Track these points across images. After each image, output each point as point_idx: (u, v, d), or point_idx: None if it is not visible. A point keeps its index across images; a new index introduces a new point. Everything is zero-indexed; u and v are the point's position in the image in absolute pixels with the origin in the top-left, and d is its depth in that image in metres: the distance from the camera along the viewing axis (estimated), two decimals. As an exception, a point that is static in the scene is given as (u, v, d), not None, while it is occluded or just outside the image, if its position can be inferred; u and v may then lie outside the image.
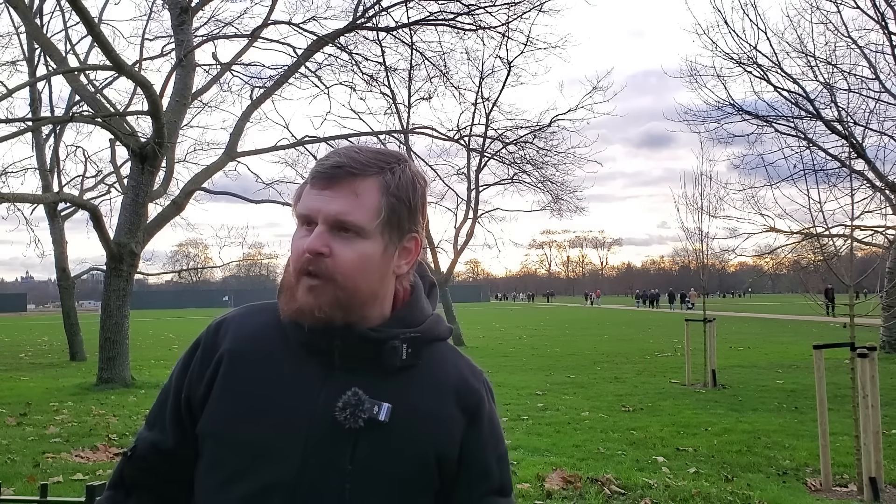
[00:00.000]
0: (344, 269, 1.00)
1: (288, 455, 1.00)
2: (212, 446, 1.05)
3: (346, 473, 0.99)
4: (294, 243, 1.04)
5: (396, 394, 1.04)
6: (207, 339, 1.12)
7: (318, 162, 1.07)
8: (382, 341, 1.04)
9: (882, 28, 11.13)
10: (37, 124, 14.21)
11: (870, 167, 11.26)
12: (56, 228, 16.20)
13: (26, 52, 15.60)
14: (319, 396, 1.02)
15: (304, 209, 1.03)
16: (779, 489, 5.05)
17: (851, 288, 5.67)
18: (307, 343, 1.05)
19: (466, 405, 1.09)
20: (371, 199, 1.02)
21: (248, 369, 1.06)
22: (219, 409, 1.05)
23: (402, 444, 1.02)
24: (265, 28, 12.77)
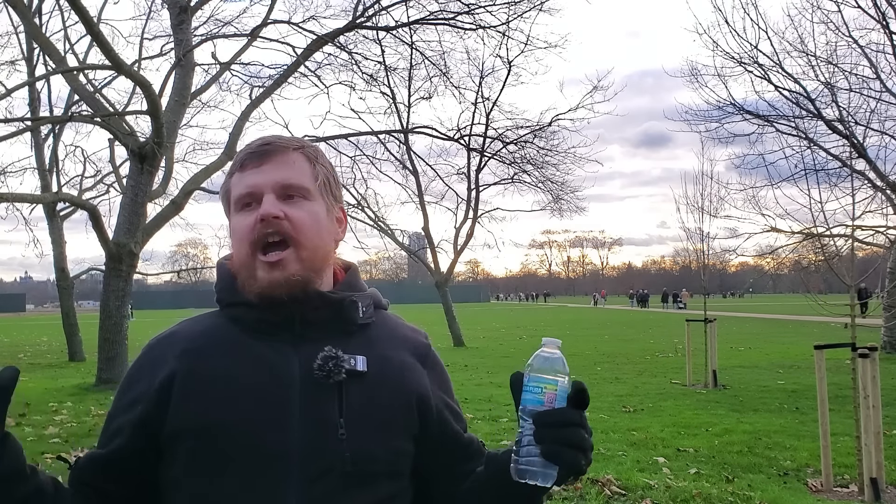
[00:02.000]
0: (303, 228, 1.06)
1: (277, 425, 1.01)
2: (191, 443, 1.02)
3: (339, 425, 1.02)
4: (238, 226, 1.07)
5: (364, 348, 1.09)
6: (146, 355, 1.12)
7: (240, 152, 1.12)
8: (341, 300, 1.09)
9: (883, 27, 11.11)
10: (36, 124, 14.19)
11: (871, 167, 11.24)
12: (55, 228, 16.18)
13: (25, 51, 15.57)
14: (294, 364, 1.05)
15: (246, 188, 1.07)
16: (780, 490, 5.03)
17: (852, 288, 5.65)
18: (264, 319, 1.07)
19: (419, 354, 1.17)
20: (304, 166, 1.10)
21: (209, 361, 1.06)
22: (190, 406, 1.03)
23: (384, 391, 1.07)
24: (264, 27, 12.75)
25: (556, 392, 0.95)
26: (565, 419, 0.94)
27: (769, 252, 12.84)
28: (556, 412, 0.94)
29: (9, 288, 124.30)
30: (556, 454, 0.92)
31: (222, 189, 1.14)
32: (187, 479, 1.03)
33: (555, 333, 1.00)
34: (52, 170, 16.42)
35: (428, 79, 15.33)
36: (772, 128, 11.95)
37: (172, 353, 1.08)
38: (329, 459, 1.01)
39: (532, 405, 0.95)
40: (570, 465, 0.93)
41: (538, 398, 0.95)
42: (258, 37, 12.83)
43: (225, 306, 1.13)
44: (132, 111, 13.28)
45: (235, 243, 1.08)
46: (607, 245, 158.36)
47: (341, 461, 1.01)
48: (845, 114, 11.11)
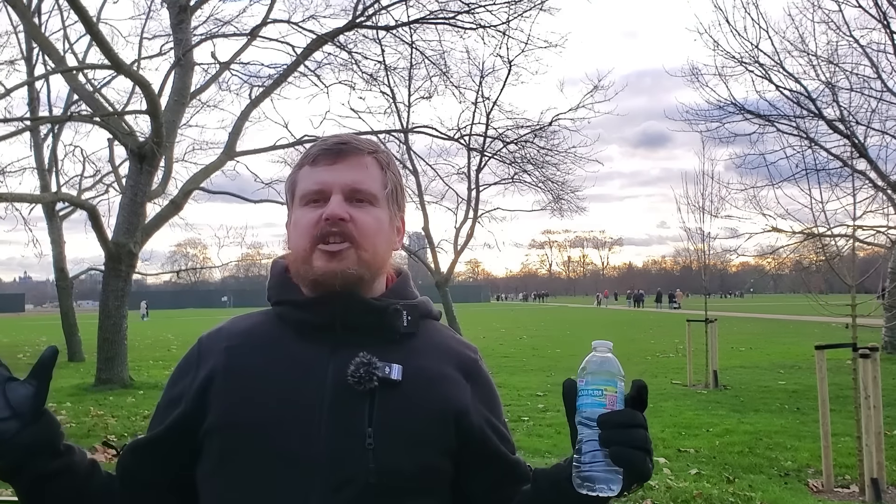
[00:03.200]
0: (366, 233, 1.05)
1: (304, 429, 1.00)
2: (220, 441, 1.03)
3: (367, 435, 0.99)
4: (302, 220, 1.07)
5: (403, 357, 1.06)
6: (194, 350, 1.13)
7: (314, 145, 1.12)
8: (385, 307, 1.07)
9: (884, 27, 11.09)
10: (35, 124, 14.18)
11: (872, 167, 11.22)
12: (54, 228, 16.17)
13: (24, 51, 15.56)
14: (328, 368, 1.03)
15: (315, 184, 1.07)
16: (781, 490, 5.02)
17: (853, 288, 5.63)
18: (307, 321, 1.07)
19: (466, 369, 1.12)
20: (376, 172, 1.10)
21: (248, 360, 1.07)
22: (223, 403, 1.04)
23: (417, 402, 1.04)
24: (264, 27, 12.73)
25: (616, 394, 0.93)
26: (632, 420, 0.91)
27: (770, 252, 12.82)
28: (623, 413, 0.92)
29: (8, 288, 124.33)
30: (625, 457, 0.89)
31: (288, 179, 1.14)
32: (215, 477, 1.04)
33: (555, 333, 0.97)
34: (51, 169, 16.40)
35: (428, 78, 15.31)
36: (773, 127, 11.93)
37: (216, 350, 1.09)
38: (353, 469, 0.98)
39: (592, 409, 0.92)
40: (639, 468, 0.90)
41: (599, 401, 0.92)
42: (258, 36, 12.81)
43: (273, 304, 1.14)
44: (131, 111, 13.26)
45: (295, 236, 1.08)
46: (608, 245, 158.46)
47: (365, 472, 0.98)
48: (846, 113, 11.09)
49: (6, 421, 0.95)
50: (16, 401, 0.96)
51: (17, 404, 0.96)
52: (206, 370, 1.07)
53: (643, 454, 0.90)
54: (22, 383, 0.98)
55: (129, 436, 7.03)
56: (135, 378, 11.26)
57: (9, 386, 0.97)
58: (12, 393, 0.97)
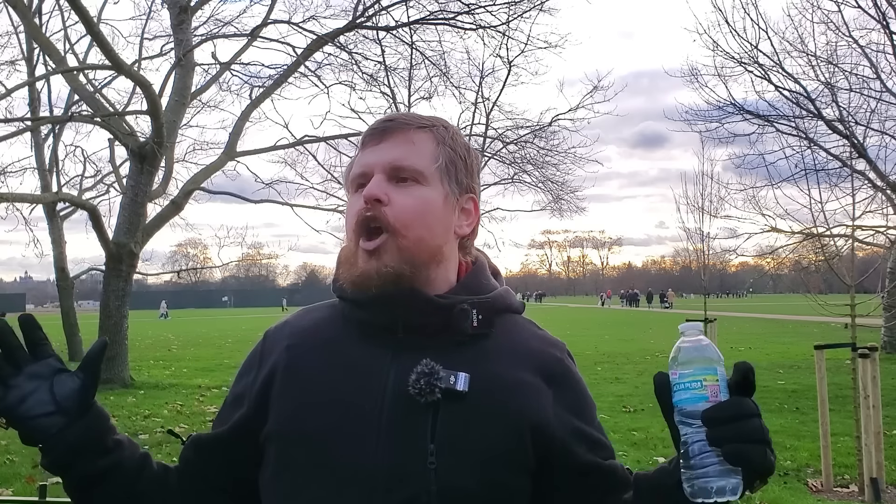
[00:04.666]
0: (405, 216, 0.95)
1: (362, 442, 0.92)
2: (278, 447, 0.97)
3: (429, 452, 0.90)
4: (349, 209, 1.01)
5: (472, 363, 0.95)
6: (260, 346, 1.08)
7: (369, 127, 1.04)
8: (450, 306, 0.97)
9: (883, 27, 11.10)
10: (36, 124, 14.19)
11: (871, 167, 11.23)
12: (55, 228, 16.18)
13: (25, 51, 15.56)
14: (389, 375, 0.95)
15: (359, 167, 1.00)
16: (780, 490, 5.04)
17: (853, 288, 5.65)
18: (368, 321, 0.99)
19: (549, 371, 1.00)
20: (427, 146, 1.00)
21: (307, 361, 1.00)
22: (282, 407, 0.98)
23: (487, 416, 0.93)
24: (264, 27, 12.74)
25: (717, 383, 0.81)
26: (742, 410, 0.80)
27: (769, 252, 12.83)
28: (729, 404, 0.80)
29: (9, 288, 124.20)
30: (742, 455, 0.78)
31: (346, 168, 1.07)
32: (273, 484, 0.98)
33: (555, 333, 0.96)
34: (52, 170, 16.41)
35: (428, 79, 15.31)
36: (772, 128, 11.94)
37: (278, 348, 1.03)
38: (413, 489, 0.90)
39: (693, 404, 0.81)
40: (760, 464, 0.78)
41: (700, 394, 0.81)
42: (258, 37, 12.82)
43: (338, 299, 1.05)
44: (132, 111, 13.27)
45: (346, 225, 1.01)
46: (607, 245, 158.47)
47: (427, 494, 0.89)
48: (845, 114, 11.10)
49: (51, 416, 0.92)
50: (62, 395, 0.93)
51: (63, 398, 0.93)
52: (267, 369, 1.02)
53: (762, 447, 0.79)
54: (71, 376, 0.95)
55: (129, 435, 7.03)
56: (135, 378, 11.29)
57: (57, 379, 0.94)
58: (60, 387, 0.93)
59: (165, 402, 9.22)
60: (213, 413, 8.85)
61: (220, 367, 13.90)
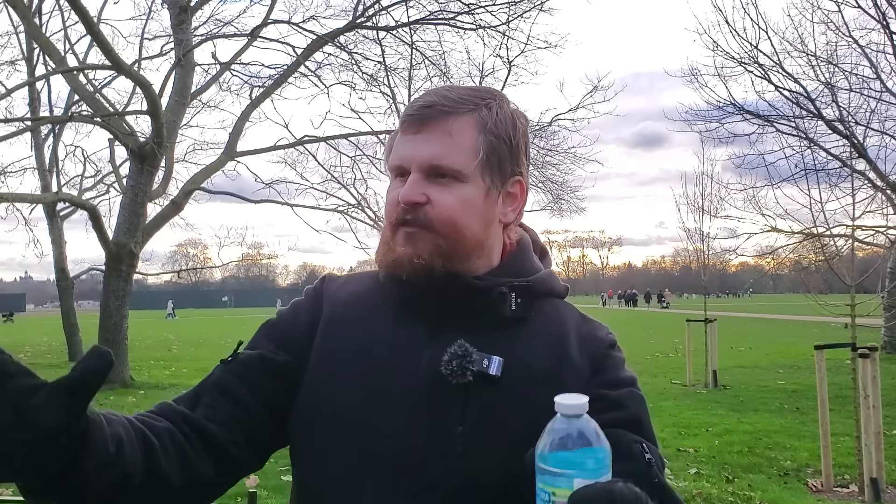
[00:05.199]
0: (444, 217, 0.93)
1: (392, 420, 0.91)
2: (310, 419, 0.96)
3: (457, 435, 0.89)
4: (388, 195, 0.98)
5: (508, 348, 0.93)
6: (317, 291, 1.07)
7: (408, 105, 1.00)
8: (489, 289, 0.95)
9: (883, 27, 11.10)
10: (36, 124, 14.19)
11: (871, 167, 11.23)
12: (55, 228, 16.17)
13: (25, 51, 15.56)
14: (423, 354, 0.93)
15: (396, 159, 0.97)
16: (780, 490, 5.04)
17: (853, 288, 5.65)
18: (407, 299, 0.97)
19: (593, 354, 0.96)
20: (467, 138, 0.94)
21: (345, 335, 0.99)
22: (315, 378, 0.97)
23: (518, 401, 0.91)
24: (264, 27, 12.74)
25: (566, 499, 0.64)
26: None
27: (769, 252, 12.83)
28: None
29: (9, 288, 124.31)
30: None
31: (387, 144, 1.03)
32: (303, 458, 0.97)
33: None
34: (51, 170, 16.41)
35: (428, 79, 15.31)
36: (772, 128, 11.94)
37: (323, 313, 1.02)
38: (439, 471, 0.89)
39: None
40: None
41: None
42: (258, 37, 12.82)
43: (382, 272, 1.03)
44: (132, 111, 13.27)
45: (385, 210, 1.00)
46: (607, 245, 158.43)
47: (453, 477, 0.88)
48: (845, 114, 11.10)
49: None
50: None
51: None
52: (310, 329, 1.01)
53: None
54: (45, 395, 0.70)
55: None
56: (135, 378, 11.28)
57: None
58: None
59: (165, 402, 9.21)
60: (213, 413, 8.97)
61: (220, 367, 13.89)
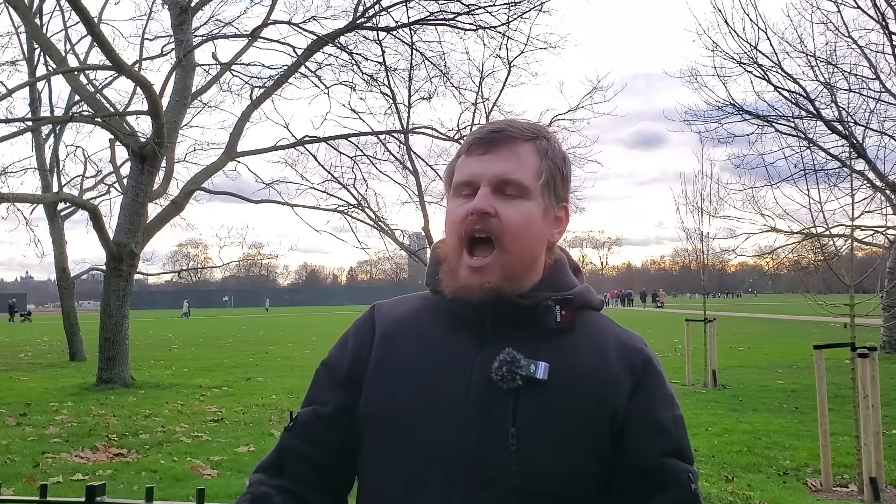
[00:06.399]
0: (511, 230, 1.00)
1: (448, 423, 0.99)
2: (372, 428, 1.05)
3: (510, 435, 0.96)
4: (451, 214, 1.05)
5: (552, 354, 1.01)
6: (365, 322, 1.14)
7: (473, 132, 1.08)
8: (535, 304, 1.03)
9: (882, 28, 11.11)
10: (36, 124, 14.20)
11: (870, 167, 11.24)
12: (56, 228, 16.19)
13: (26, 51, 15.58)
14: (474, 363, 1.01)
15: (465, 175, 1.04)
16: (779, 489, 5.04)
17: (852, 288, 5.66)
18: (458, 314, 1.05)
19: (632, 364, 1.04)
20: (531, 161, 1.04)
21: (400, 348, 1.07)
22: (375, 389, 1.06)
23: (564, 403, 0.99)
24: (265, 28, 12.75)
25: None
26: None
27: (769, 252, 12.85)
28: None
29: (10, 288, 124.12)
30: None
31: (448, 168, 1.10)
32: (367, 465, 1.05)
33: None
34: (52, 170, 16.42)
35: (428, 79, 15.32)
36: (771, 128, 11.96)
37: (377, 334, 1.11)
38: (495, 470, 0.96)
39: None
40: None
41: None
42: (259, 37, 12.83)
43: (431, 292, 1.12)
44: (133, 111, 13.28)
45: (448, 229, 1.06)
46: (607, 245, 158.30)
47: (507, 475, 0.95)
48: (845, 114, 11.11)
49: None
50: None
51: None
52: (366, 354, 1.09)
53: None
54: None
55: (130, 435, 7.05)
56: (136, 378, 11.29)
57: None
58: None
59: (166, 402, 9.23)
60: (214, 412, 8.80)
61: (221, 367, 13.91)
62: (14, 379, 12.27)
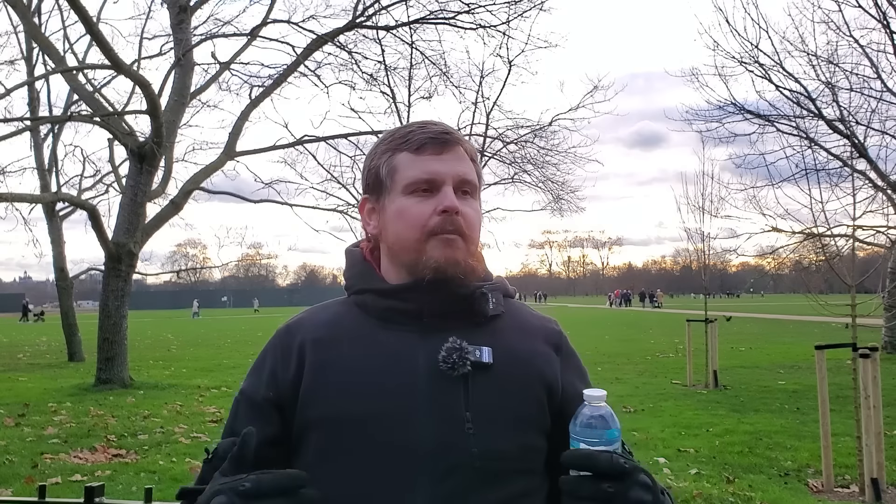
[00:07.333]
0: (471, 226, 1.07)
1: (403, 418, 0.99)
2: (320, 433, 1.02)
3: (466, 419, 0.99)
4: (413, 211, 1.06)
5: (491, 339, 1.06)
6: (280, 339, 1.11)
7: (416, 130, 1.09)
8: (472, 292, 1.07)
9: (884, 27, 11.09)
10: (35, 123, 14.18)
11: (872, 167, 11.23)
12: (54, 228, 16.17)
13: (24, 51, 15.56)
14: (419, 354, 1.03)
15: (425, 174, 1.06)
16: (780, 490, 5.03)
17: (853, 288, 5.64)
18: (394, 308, 1.07)
19: (556, 344, 1.13)
20: (470, 163, 1.11)
21: (338, 351, 1.06)
22: (318, 395, 1.03)
23: (511, 383, 1.04)
24: (264, 27, 12.74)
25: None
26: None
27: (770, 252, 12.82)
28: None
29: (8, 288, 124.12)
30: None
31: (379, 161, 1.10)
32: (319, 470, 1.01)
33: None
34: (51, 169, 16.40)
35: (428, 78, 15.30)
36: (772, 127, 11.94)
37: (303, 342, 1.08)
38: (457, 456, 0.98)
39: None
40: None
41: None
42: (258, 36, 12.81)
43: (354, 293, 1.13)
44: (132, 111, 13.25)
45: (402, 226, 1.06)
46: (607, 245, 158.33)
47: (469, 457, 0.98)
48: (846, 113, 11.09)
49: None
50: None
51: None
52: (295, 363, 1.06)
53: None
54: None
55: (129, 436, 7.03)
56: (135, 378, 11.27)
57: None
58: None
59: (165, 403, 9.21)
60: (213, 413, 8.77)
61: (220, 368, 13.88)
62: (12, 379, 12.24)
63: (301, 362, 1.06)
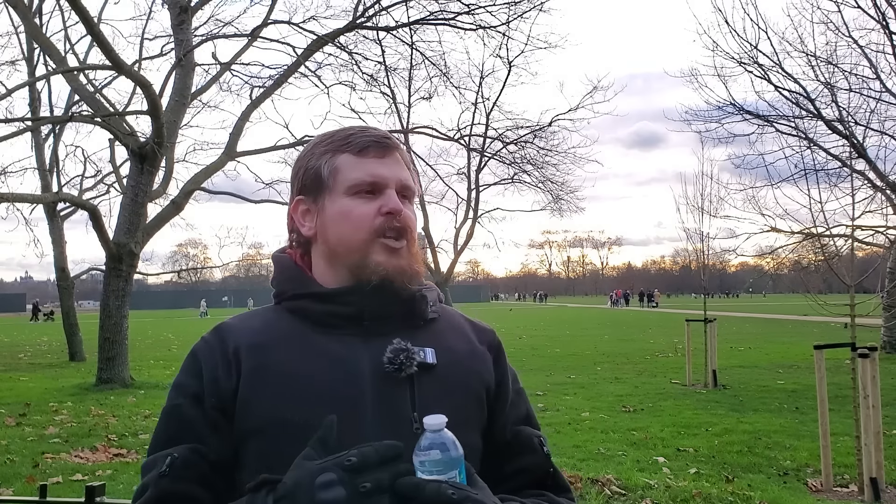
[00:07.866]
0: (412, 228, 1.09)
1: (351, 421, 0.97)
2: (262, 440, 0.99)
3: (413, 420, 1.00)
4: (357, 212, 1.06)
5: (431, 341, 1.08)
6: (212, 342, 1.06)
7: (357, 133, 1.10)
8: (412, 295, 1.09)
9: (883, 28, 11.11)
10: (36, 124, 14.19)
11: (871, 167, 11.25)
12: (55, 228, 16.18)
13: (25, 51, 15.58)
14: (362, 357, 1.03)
15: (370, 176, 1.07)
16: (780, 490, 5.04)
17: (852, 288, 5.65)
18: (333, 313, 1.06)
19: (489, 343, 1.16)
20: (408, 170, 1.13)
21: (277, 356, 1.03)
22: (259, 403, 1.00)
23: (454, 383, 1.06)
24: (265, 27, 12.75)
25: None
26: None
27: (769, 252, 12.84)
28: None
29: (9, 288, 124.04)
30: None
31: (319, 162, 1.09)
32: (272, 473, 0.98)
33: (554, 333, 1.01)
34: (52, 170, 16.42)
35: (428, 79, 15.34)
36: (771, 128, 11.96)
37: (237, 348, 1.03)
38: (406, 456, 0.93)
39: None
40: None
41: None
42: (258, 37, 12.83)
43: (287, 299, 1.10)
44: (132, 111, 13.27)
45: (347, 227, 1.06)
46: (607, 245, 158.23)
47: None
48: (845, 114, 11.12)
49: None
50: None
51: None
52: (231, 372, 1.02)
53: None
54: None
55: (129, 435, 7.04)
56: (136, 378, 11.28)
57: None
58: None
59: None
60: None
61: (221, 367, 13.88)
62: (14, 379, 12.26)
63: (238, 368, 1.02)
